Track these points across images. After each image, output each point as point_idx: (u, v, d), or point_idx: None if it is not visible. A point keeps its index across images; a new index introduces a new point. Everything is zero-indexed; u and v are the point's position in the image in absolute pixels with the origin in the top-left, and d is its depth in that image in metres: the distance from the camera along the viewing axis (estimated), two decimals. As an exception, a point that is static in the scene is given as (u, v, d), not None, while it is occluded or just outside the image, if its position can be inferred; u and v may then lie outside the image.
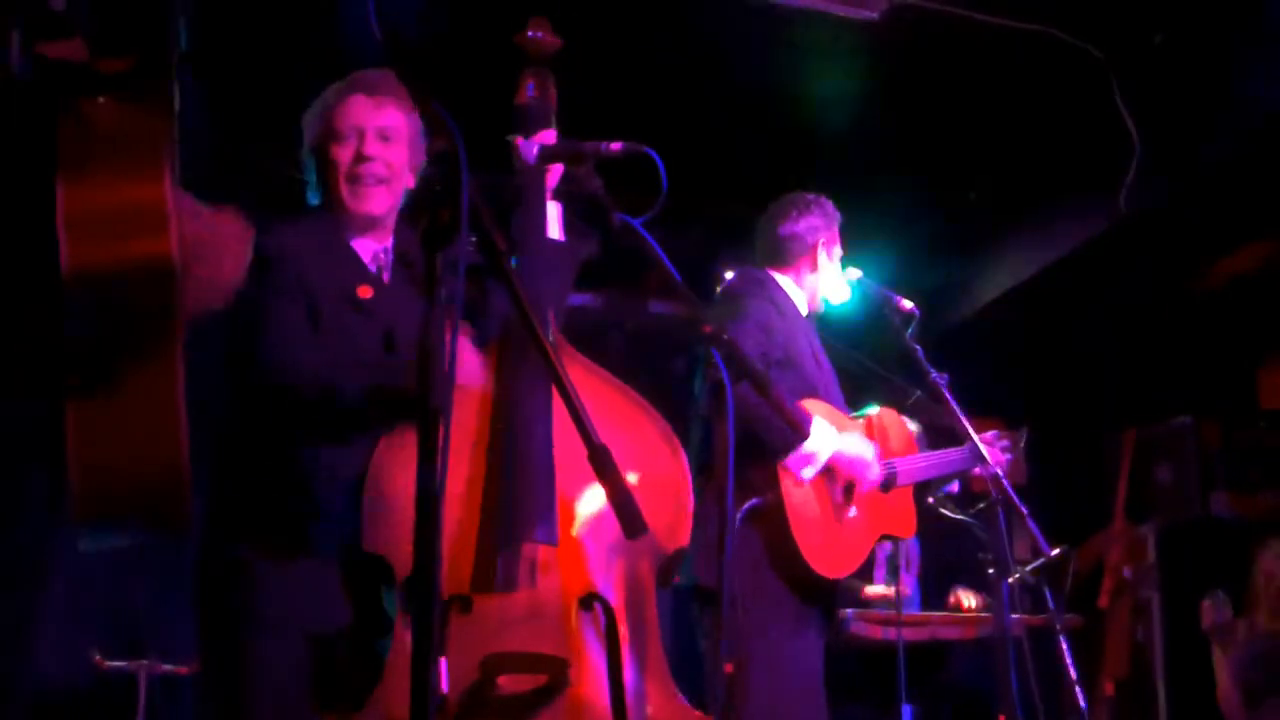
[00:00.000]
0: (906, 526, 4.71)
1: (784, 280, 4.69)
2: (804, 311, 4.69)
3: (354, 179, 3.28)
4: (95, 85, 1.85)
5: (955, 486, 4.89)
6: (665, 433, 3.30)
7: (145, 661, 5.44)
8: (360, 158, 3.28)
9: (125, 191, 1.75)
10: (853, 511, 4.43)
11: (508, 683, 2.88)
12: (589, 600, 3.03)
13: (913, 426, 5.02)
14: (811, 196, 4.82)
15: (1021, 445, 4.93)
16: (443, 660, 2.80)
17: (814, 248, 4.72)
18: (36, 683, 5.56)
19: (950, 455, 4.70)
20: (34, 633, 5.51)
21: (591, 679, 2.95)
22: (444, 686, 2.78)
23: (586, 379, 3.24)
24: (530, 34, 3.50)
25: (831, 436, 4.29)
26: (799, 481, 4.27)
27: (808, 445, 4.20)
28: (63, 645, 5.62)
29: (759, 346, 4.32)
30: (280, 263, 3.12)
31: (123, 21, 1.92)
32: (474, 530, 3.03)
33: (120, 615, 5.84)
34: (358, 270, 3.30)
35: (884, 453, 4.58)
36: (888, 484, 4.52)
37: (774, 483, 4.24)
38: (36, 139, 1.80)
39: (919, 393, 4.61)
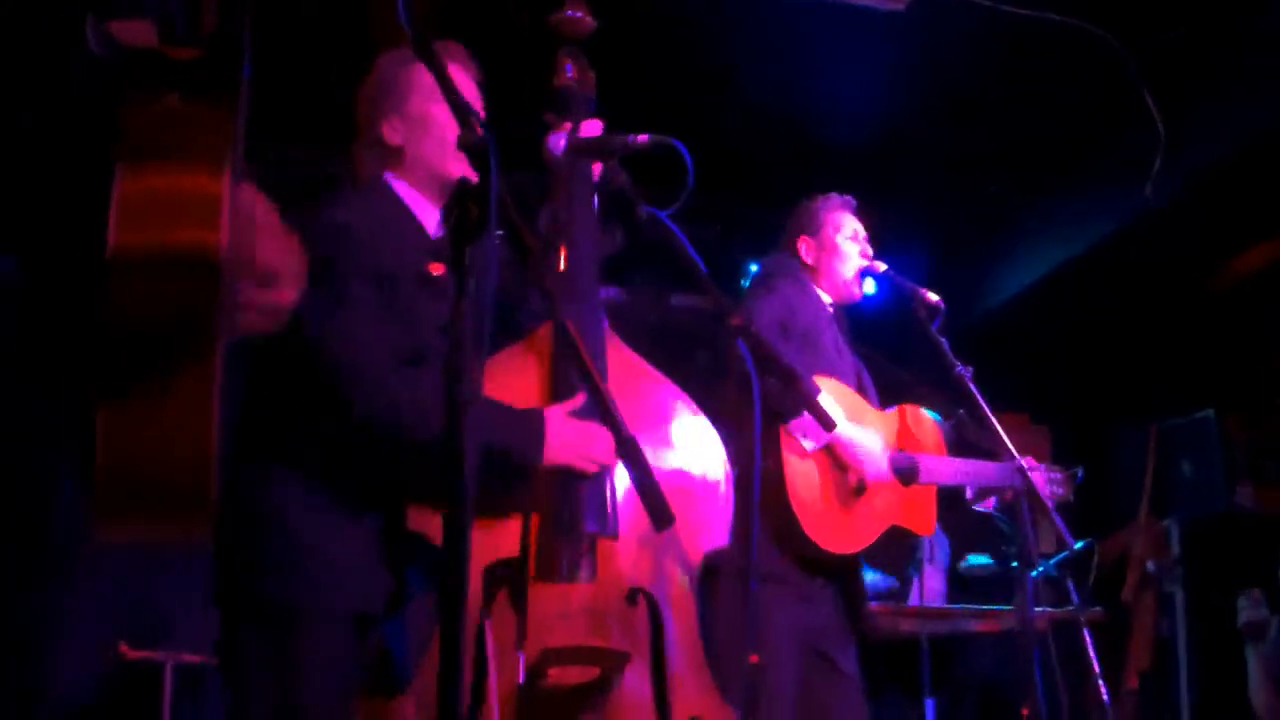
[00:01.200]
0: (925, 524, 4.63)
1: (806, 278, 4.71)
2: (828, 302, 4.69)
3: None
4: (164, 72, 1.85)
5: (992, 503, 4.82)
6: (708, 433, 3.31)
7: (171, 652, 5.45)
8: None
9: (182, 180, 1.75)
10: (864, 494, 4.38)
11: (559, 675, 2.87)
12: (634, 595, 3.03)
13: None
14: (806, 199, 4.88)
15: (1075, 485, 4.88)
16: (521, 654, 2.80)
17: (796, 247, 4.74)
18: (66, 675, 5.59)
19: (983, 467, 4.64)
20: (64, 627, 5.54)
21: (637, 673, 2.95)
22: (520, 677, 2.79)
23: (634, 376, 3.26)
24: (569, 13, 3.47)
25: (839, 412, 4.25)
26: (801, 451, 4.24)
27: None
28: (90, 636, 5.65)
29: (780, 317, 4.32)
30: (349, 237, 3.02)
31: (196, 11, 1.93)
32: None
33: (145, 605, 5.87)
34: (427, 243, 3.21)
35: (911, 447, 4.56)
36: (908, 478, 4.49)
37: (774, 448, 4.21)
38: (99, 127, 1.80)
39: (962, 411, 4.57)
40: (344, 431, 2.97)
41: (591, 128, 3.36)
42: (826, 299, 4.70)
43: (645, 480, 2.26)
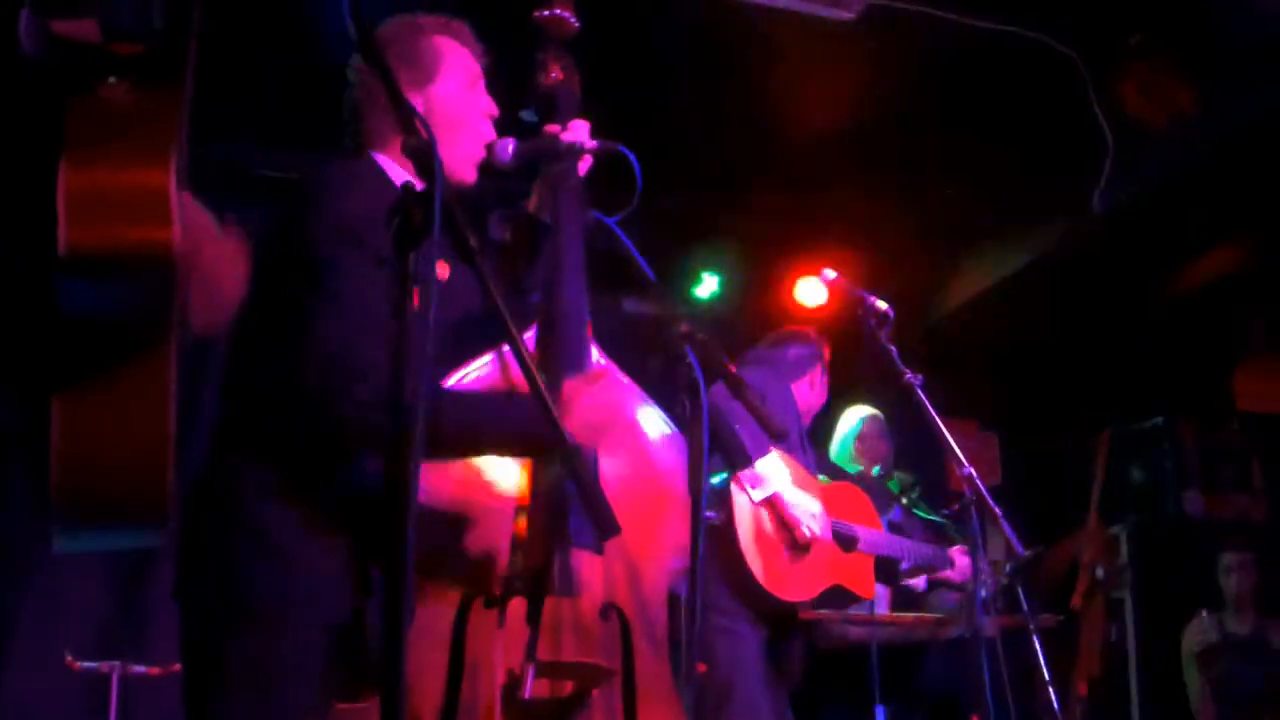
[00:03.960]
0: (864, 587, 4.83)
1: (792, 389, 4.94)
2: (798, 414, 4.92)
3: (490, 133, 3.14)
4: (109, 67, 1.82)
5: (923, 584, 4.98)
6: (683, 450, 3.29)
7: (118, 662, 5.39)
8: (490, 113, 3.16)
9: (131, 176, 1.72)
10: (808, 549, 4.52)
11: (539, 688, 2.83)
12: (607, 610, 3.01)
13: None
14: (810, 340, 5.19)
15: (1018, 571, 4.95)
16: (530, 667, 2.76)
17: (797, 375, 5.06)
18: (10, 683, 5.53)
19: (920, 548, 4.83)
20: (12, 633, 5.47)
21: (609, 689, 2.93)
22: (527, 692, 2.74)
23: (611, 388, 3.23)
24: (556, 12, 3.41)
25: (784, 473, 4.40)
26: (750, 501, 4.33)
27: (759, 465, 4.28)
28: (36, 645, 5.59)
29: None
30: (352, 230, 2.85)
31: (142, 8, 1.90)
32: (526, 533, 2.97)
33: (95, 615, 5.82)
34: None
35: (849, 518, 4.73)
36: (848, 545, 4.64)
37: (726, 503, 4.30)
38: (43, 120, 1.78)
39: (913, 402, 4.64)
40: (330, 433, 2.90)
41: (579, 128, 3.30)
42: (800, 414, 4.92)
43: (589, 490, 2.25)
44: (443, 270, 3.00)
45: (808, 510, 4.49)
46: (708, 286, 7.19)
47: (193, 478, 2.93)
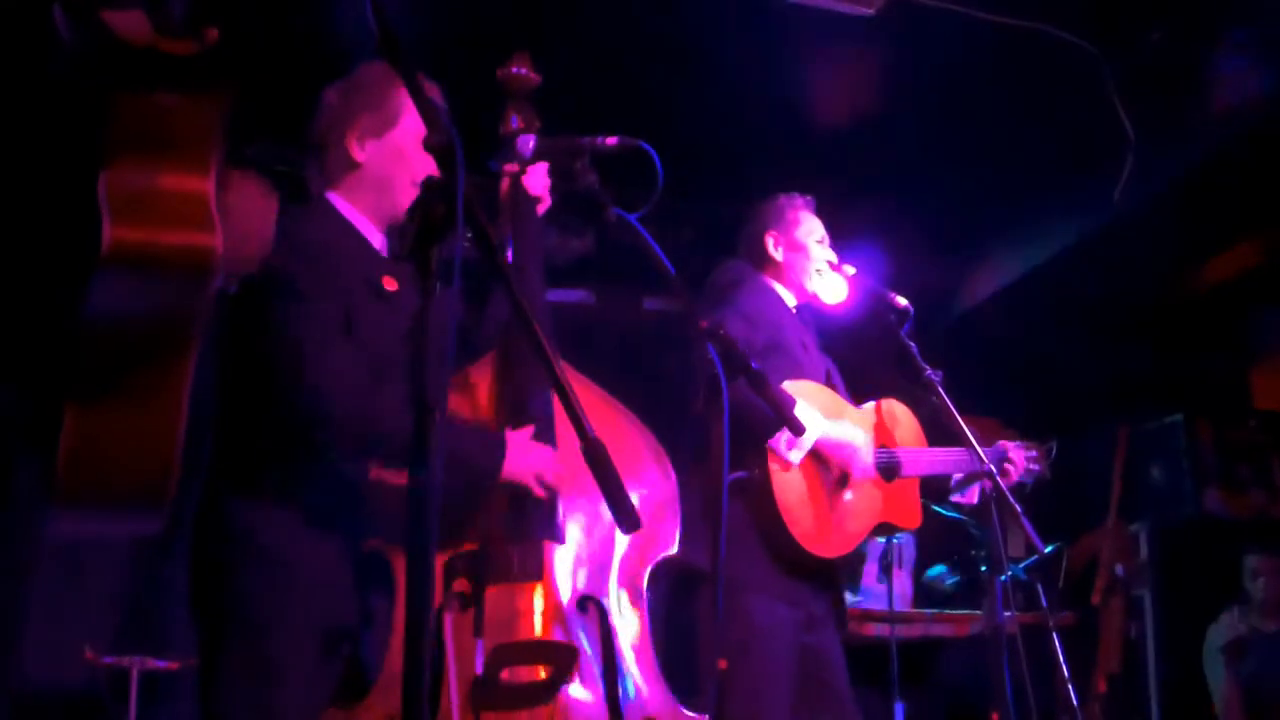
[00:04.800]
0: (910, 517, 4.66)
1: (768, 279, 4.72)
2: (791, 304, 4.70)
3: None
4: (158, 69, 1.82)
5: (974, 496, 4.83)
6: (653, 445, 3.35)
7: (138, 658, 5.40)
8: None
9: (175, 181, 1.74)
10: (848, 495, 4.41)
11: (511, 673, 2.89)
12: (584, 602, 3.05)
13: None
14: (770, 198, 4.90)
15: (1050, 460, 4.90)
16: (479, 641, 2.84)
17: (762, 242, 4.74)
18: (25, 679, 5.53)
19: (960, 454, 4.65)
20: (22, 627, 5.48)
21: (588, 678, 2.97)
22: (479, 668, 2.82)
23: (579, 390, 3.28)
24: (514, 70, 3.52)
25: (816, 421, 4.28)
26: (786, 464, 4.26)
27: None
28: (54, 640, 5.60)
29: (742, 335, 4.32)
30: (308, 254, 3.05)
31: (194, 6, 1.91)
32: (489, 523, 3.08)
33: (116, 609, 5.83)
34: (378, 260, 3.24)
35: (889, 442, 4.57)
36: (890, 473, 4.51)
37: (762, 459, 4.23)
38: (82, 114, 1.78)
39: (935, 399, 4.57)
40: (319, 449, 3.02)
41: (538, 174, 3.49)
42: (790, 299, 4.70)
43: (611, 484, 2.24)
44: (390, 283, 3.12)
45: (855, 446, 4.39)
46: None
47: (196, 491, 3.03)
